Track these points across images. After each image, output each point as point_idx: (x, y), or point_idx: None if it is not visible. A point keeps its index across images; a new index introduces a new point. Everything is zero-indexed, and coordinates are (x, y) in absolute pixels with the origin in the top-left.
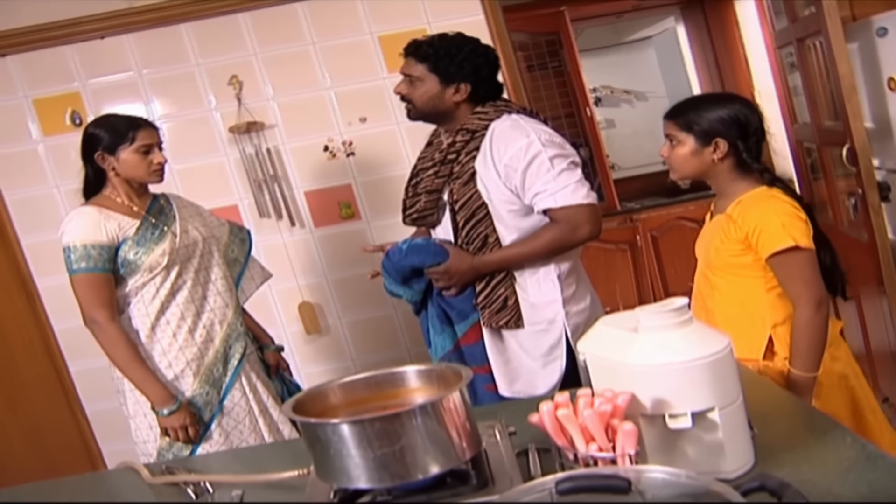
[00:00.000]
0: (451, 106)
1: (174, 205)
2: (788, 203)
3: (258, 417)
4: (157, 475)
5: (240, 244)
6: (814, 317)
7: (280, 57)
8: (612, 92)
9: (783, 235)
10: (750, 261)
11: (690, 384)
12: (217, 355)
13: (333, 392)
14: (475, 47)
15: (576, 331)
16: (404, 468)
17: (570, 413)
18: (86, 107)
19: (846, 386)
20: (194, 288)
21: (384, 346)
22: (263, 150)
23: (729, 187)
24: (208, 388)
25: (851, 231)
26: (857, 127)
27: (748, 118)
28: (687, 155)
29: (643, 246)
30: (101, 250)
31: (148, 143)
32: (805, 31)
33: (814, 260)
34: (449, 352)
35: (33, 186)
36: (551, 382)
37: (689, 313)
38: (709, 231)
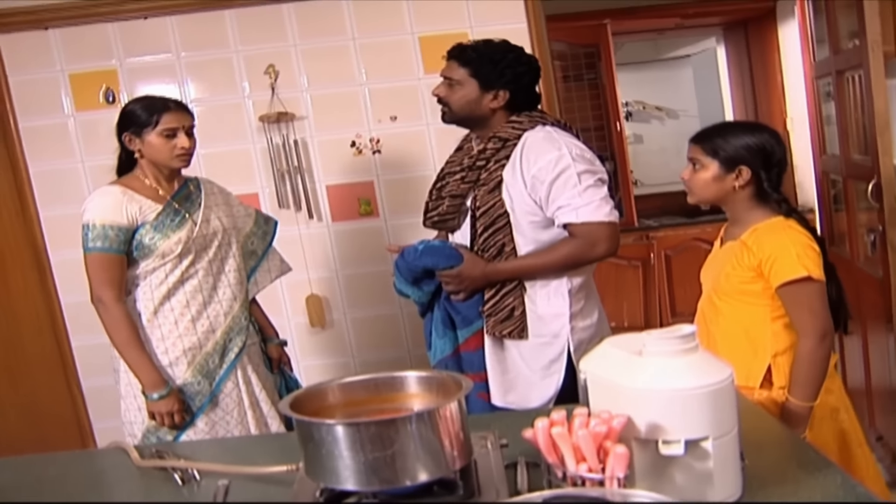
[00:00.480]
0: (487, 112)
1: (203, 191)
2: (804, 234)
3: (247, 410)
4: (147, 458)
5: (261, 237)
6: (818, 348)
7: (319, 50)
8: (643, 107)
9: (797, 265)
10: (759, 288)
11: (688, 412)
12: (216, 347)
13: (332, 391)
14: (519, 55)
15: (579, 346)
16: (393, 473)
17: (565, 431)
18: (120, 85)
19: (837, 419)
20: (205, 278)
21: (386, 345)
22: (290, 140)
23: (745, 215)
24: (201, 377)
25: (867, 266)
26: (887, 163)
27: (774, 148)
28: (709, 180)
29: (656, 264)
30: (118, 231)
31: (172, 127)
32: (846, 63)
33: (824, 292)
34: (447, 356)
35: (59, 160)
36: (546, 396)
37: (696, 341)
38: (718, 257)
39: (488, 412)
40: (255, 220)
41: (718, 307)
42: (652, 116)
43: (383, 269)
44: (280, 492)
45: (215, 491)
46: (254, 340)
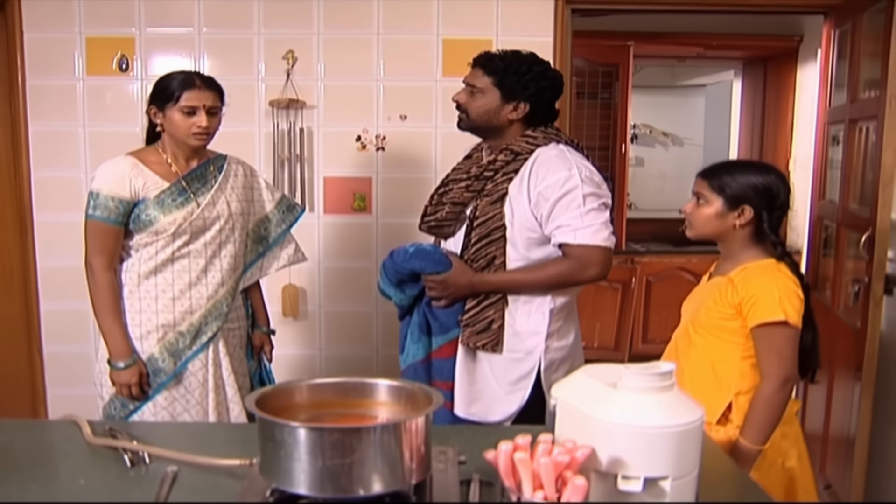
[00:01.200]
0: (504, 123)
1: (223, 173)
2: (791, 279)
3: (210, 392)
4: (99, 435)
5: (277, 223)
6: (777, 393)
7: (341, 41)
8: (650, 131)
9: (776, 308)
10: (736, 326)
11: (652, 450)
12: (189, 328)
13: (300, 391)
14: (544, 70)
15: (550, 365)
16: (349, 482)
17: (527, 457)
18: (136, 53)
19: (787, 466)
20: (196, 260)
21: (355, 342)
22: (297, 128)
23: (739, 253)
24: (167, 355)
25: (845, 316)
26: (885, 216)
27: (779, 190)
28: (711, 216)
29: (636, 289)
30: (118, 203)
31: (193, 105)
32: (861, 112)
33: (796, 339)
34: (418, 361)
35: (61, 122)
36: (509, 411)
37: (673, 380)
38: (703, 291)
39: (449, 421)
40: (277, 206)
41: (692, 339)
42: (657, 141)
43: (366, 265)
44: (229, 485)
45: (163, 476)
46: (240, 325)
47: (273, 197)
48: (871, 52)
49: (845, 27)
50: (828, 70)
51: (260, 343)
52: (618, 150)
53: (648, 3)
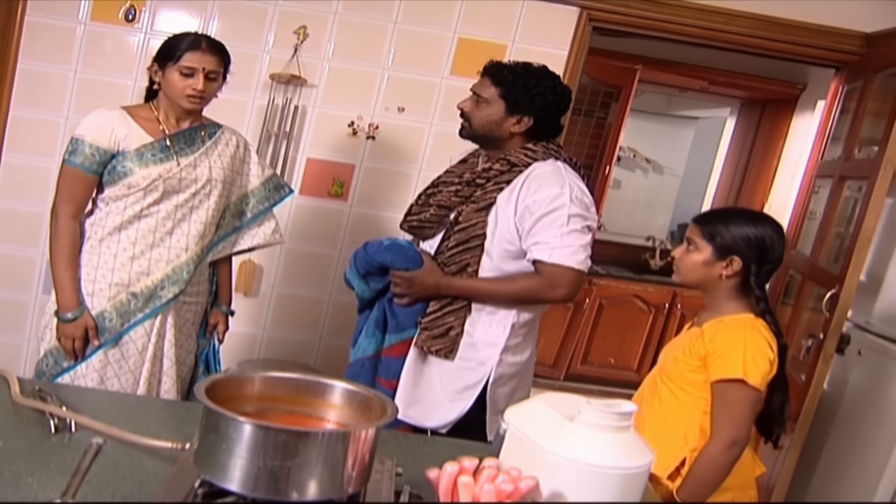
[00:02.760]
0: (506, 135)
1: (213, 139)
2: (764, 339)
3: (146, 362)
4: (27, 395)
5: (261, 200)
6: (721, 454)
7: (357, 23)
8: (634, 155)
9: (737, 366)
10: (700, 380)
11: (597, 491)
12: (143, 290)
13: (251, 382)
14: (553, 84)
15: (499, 379)
16: (284, 486)
17: (471, 482)
18: (145, 5)
19: None
20: (164, 221)
21: (300, 326)
22: (292, 105)
23: (721, 304)
24: (115, 315)
25: (792, 369)
26: (853, 277)
27: (773, 244)
28: (698, 263)
29: (588, 310)
30: (94, 151)
31: (191, 67)
32: (853, 171)
33: (753, 401)
34: (367, 357)
35: (52, 63)
36: (447, 419)
37: (631, 421)
38: (680, 340)
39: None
40: (263, 183)
41: (658, 389)
42: (638, 166)
43: (330, 252)
44: (154, 465)
45: (87, 448)
46: (198, 300)
47: (262, 174)
48: (875, 112)
49: (855, 84)
50: (828, 123)
51: (215, 322)
52: (601, 171)
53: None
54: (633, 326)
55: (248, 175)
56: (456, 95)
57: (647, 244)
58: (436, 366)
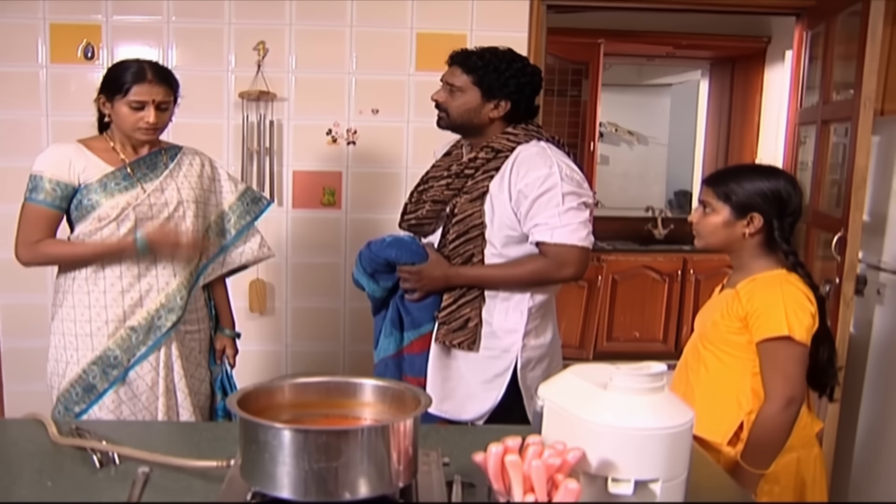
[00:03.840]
0: (485, 121)
1: (175, 162)
2: (802, 292)
3: (160, 396)
4: (65, 434)
5: (240, 215)
6: (779, 414)
7: (314, 32)
8: (616, 129)
9: (781, 323)
10: (744, 341)
11: (643, 452)
12: (140, 323)
13: (282, 391)
14: (524, 66)
15: (527, 364)
16: (335, 486)
17: (519, 461)
18: (102, 41)
19: (801, 493)
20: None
21: (322, 338)
22: (266, 121)
23: (749, 263)
24: (119, 352)
25: None
26: (856, 218)
27: (790, 196)
28: (718, 225)
29: (602, 287)
30: (55, 186)
31: (141, 100)
32: (833, 114)
33: (802, 356)
34: (389, 356)
35: (22, 110)
36: (482, 410)
37: (663, 381)
38: (714, 303)
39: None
40: (239, 198)
41: (702, 355)
42: (622, 139)
43: (335, 261)
44: (204, 487)
45: (134, 478)
46: (200, 327)
47: (236, 188)
48: (843, 55)
49: (818, 29)
50: (799, 71)
51: (222, 347)
52: (586, 148)
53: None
54: (651, 297)
55: (220, 192)
56: (425, 90)
57: (648, 215)
58: (461, 359)
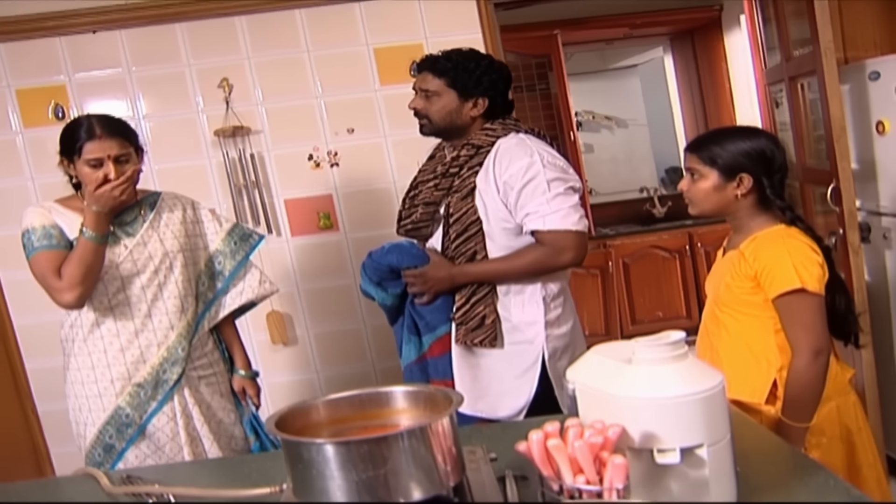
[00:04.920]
0: (467, 121)
1: (154, 212)
2: (806, 244)
3: (184, 446)
4: (117, 484)
5: (230, 255)
6: (810, 366)
7: (273, 62)
8: (593, 117)
9: (792, 276)
10: (760, 300)
11: (681, 420)
12: (146, 379)
13: (316, 409)
14: (491, 62)
15: (553, 354)
16: (387, 492)
17: (561, 444)
18: (70, 100)
19: (848, 440)
20: (137, 304)
21: (350, 360)
22: (247, 155)
23: (747, 223)
24: (130, 410)
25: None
26: (844, 167)
27: (773, 153)
28: (709, 190)
29: (614, 272)
30: (59, 231)
31: (96, 157)
32: (798, 70)
33: (820, 306)
34: (412, 362)
35: (7, 178)
36: (518, 405)
37: (685, 348)
38: (720, 267)
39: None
40: (227, 237)
41: (721, 320)
42: (602, 126)
43: (345, 283)
44: None
45: None
46: (214, 370)
47: (221, 228)
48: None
49: None
50: (756, 34)
51: (240, 388)
52: (567, 138)
53: None
54: (665, 275)
55: (205, 235)
56: (393, 103)
57: (643, 196)
58: (488, 356)
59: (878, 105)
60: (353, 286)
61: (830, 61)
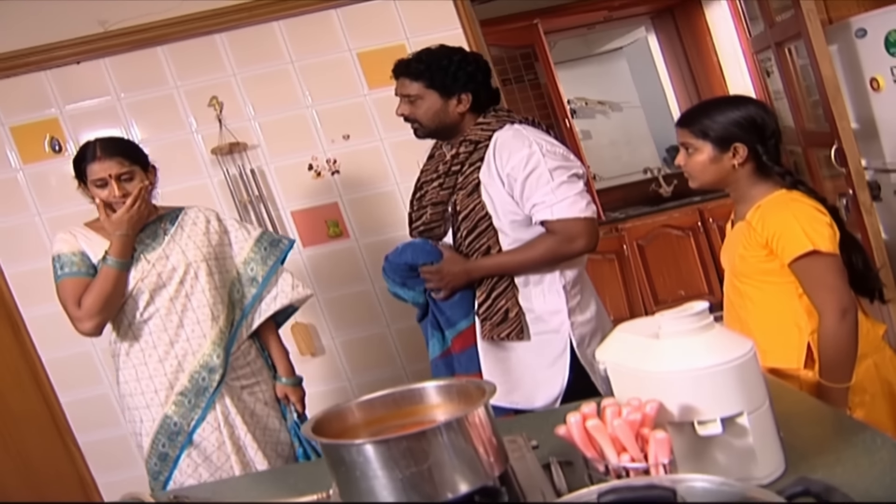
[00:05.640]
0: (456, 118)
1: (176, 225)
2: (811, 206)
3: (231, 455)
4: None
5: (261, 261)
6: (839, 326)
7: (259, 76)
8: (586, 104)
9: (803, 240)
10: (776, 266)
11: (718, 390)
12: (187, 389)
13: (351, 412)
14: (464, 56)
15: (581, 341)
16: (433, 488)
17: (600, 424)
18: (64, 133)
19: (891, 395)
20: (168, 316)
21: (380, 365)
22: (247, 170)
23: (748, 192)
24: (178, 418)
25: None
26: (844, 127)
27: (764, 119)
28: (705, 162)
29: (630, 255)
30: (82, 257)
31: (100, 178)
32: (783, 34)
33: (837, 265)
34: (437, 357)
35: (14, 215)
36: (552, 395)
37: (710, 317)
38: (731, 239)
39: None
40: (256, 244)
41: (742, 291)
42: (596, 111)
43: (363, 288)
44: None
45: None
46: (258, 379)
47: (249, 235)
48: None
49: None
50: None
51: (283, 395)
52: (563, 125)
53: None
54: (682, 254)
55: (233, 244)
56: (385, 105)
57: (647, 176)
58: (517, 349)
59: (868, 62)
60: (371, 291)
61: (815, 23)
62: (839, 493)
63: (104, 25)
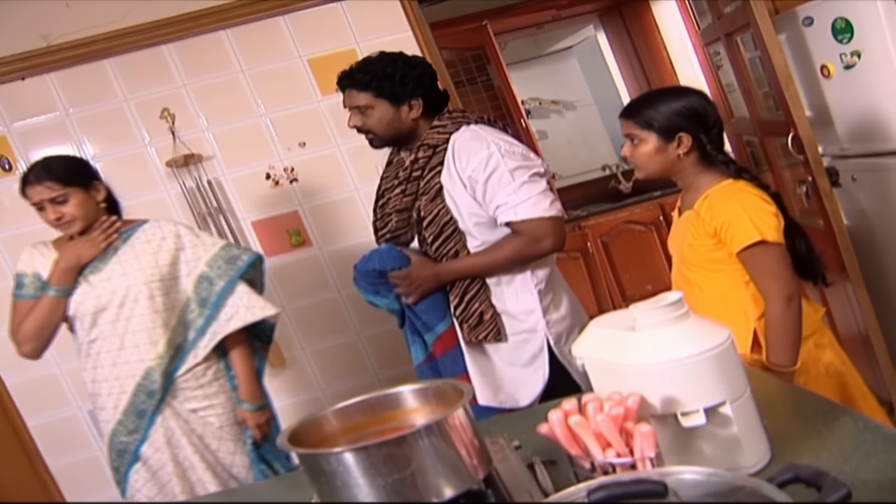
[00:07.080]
0: (410, 124)
1: (128, 245)
2: (756, 195)
3: (173, 476)
4: None
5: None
6: (784, 312)
7: (210, 87)
8: (540, 104)
9: (750, 230)
10: (724, 255)
11: (699, 380)
12: (127, 409)
13: (328, 420)
14: (407, 60)
15: (558, 339)
16: (417, 493)
17: (583, 420)
18: (13, 151)
19: (834, 373)
20: (111, 339)
21: (352, 373)
22: (204, 182)
23: (695, 181)
24: (122, 437)
25: (806, 219)
26: (799, 115)
27: (706, 109)
28: (651, 153)
29: (595, 252)
30: (33, 279)
31: (35, 202)
32: (732, 26)
33: (782, 254)
34: (422, 363)
35: None
36: (534, 393)
37: (686, 307)
38: (679, 228)
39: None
40: (209, 262)
41: (691, 279)
42: (550, 111)
43: (330, 297)
44: None
45: None
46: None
47: (205, 253)
48: None
49: None
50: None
51: (242, 419)
52: (519, 125)
53: None
54: (646, 249)
55: (187, 262)
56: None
57: (606, 174)
58: (493, 351)
59: (818, 50)
60: (338, 299)
61: (763, 12)
62: (829, 478)
63: (47, 39)
